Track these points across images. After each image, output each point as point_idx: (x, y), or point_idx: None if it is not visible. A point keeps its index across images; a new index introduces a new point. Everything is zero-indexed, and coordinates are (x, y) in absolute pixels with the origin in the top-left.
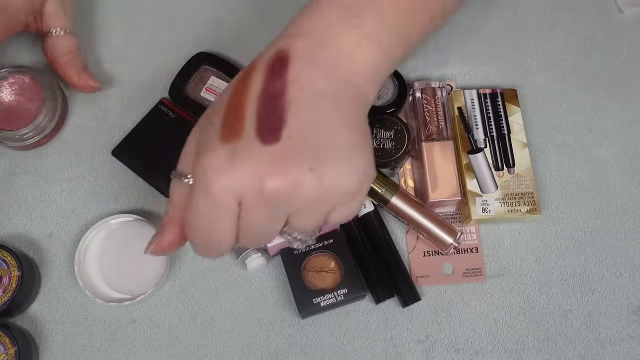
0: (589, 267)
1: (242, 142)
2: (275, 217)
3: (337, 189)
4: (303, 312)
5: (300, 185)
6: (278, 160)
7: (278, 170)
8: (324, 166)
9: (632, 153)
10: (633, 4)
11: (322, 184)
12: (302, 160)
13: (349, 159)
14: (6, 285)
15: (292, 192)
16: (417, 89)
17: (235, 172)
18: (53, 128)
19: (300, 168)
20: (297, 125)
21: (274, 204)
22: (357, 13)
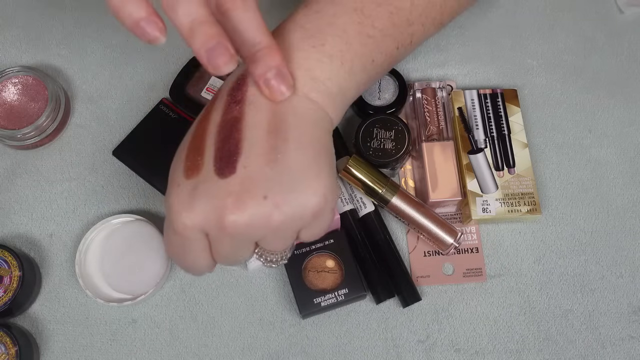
0: (589, 267)
1: (201, 176)
2: (242, 245)
3: (297, 215)
4: (304, 312)
5: (258, 217)
6: (234, 194)
7: (234, 204)
8: (280, 194)
9: (632, 153)
10: (633, 4)
11: (280, 213)
12: (257, 191)
13: (307, 183)
14: (7, 285)
15: (250, 224)
16: (418, 89)
17: (195, 209)
18: (55, 128)
19: (255, 200)
20: (253, 153)
21: (236, 236)
22: (319, 35)
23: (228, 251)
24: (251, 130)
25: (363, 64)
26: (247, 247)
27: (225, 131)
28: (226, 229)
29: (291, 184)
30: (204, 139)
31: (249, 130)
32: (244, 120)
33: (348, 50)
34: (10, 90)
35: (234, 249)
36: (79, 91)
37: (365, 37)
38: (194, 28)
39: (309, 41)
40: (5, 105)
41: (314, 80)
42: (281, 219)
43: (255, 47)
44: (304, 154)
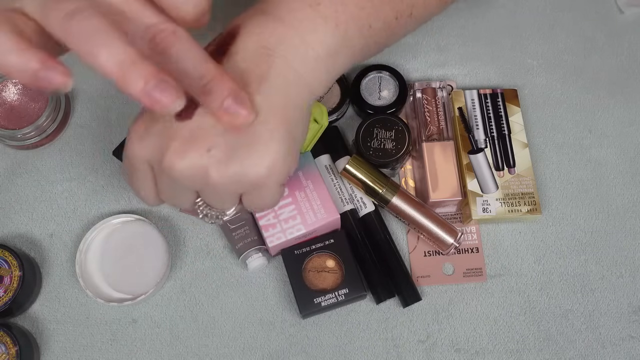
0: (589, 267)
1: (160, 115)
2: (182, 190)
3: (235, 178)
4: (304, 312)
5: (195, 169)
6: (180, 139)
7: (176, 148)
8: (223, 153)
9: (632, 153)
10: (633, 4)
11: (218, 170)
12: (203, 143)
13: (254, 150)
14: (7, 285)
15: (186, 173)
16: (418, 89)
17: (144, 142)
18: (55, 128)
19: (198, 151)
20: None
21: (174, 179)
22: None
23: (168, 191)
24: (232, 64)
25: (359, 28)
26: (186, 193)
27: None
28: (165, 170)
29: (238, 147)
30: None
31: (231, 61)
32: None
33: (344, 12)
34: (10, 90)
35: (174, 191)
36: (79, 91)
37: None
38: (126, 71)
39: (307, 1)
40: (6, 105)
41: (304, 44)
42: (218, 177)
43: (204, 80)
44: (266, 123)
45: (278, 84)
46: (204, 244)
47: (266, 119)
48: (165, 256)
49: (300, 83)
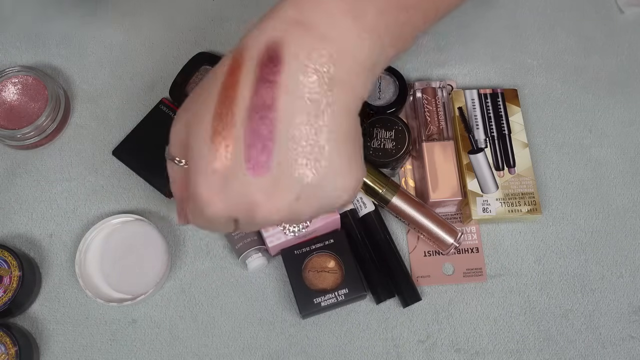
0: (589, 267)
1: (232, 169)
2: (271, 225)
3: (325, 210)
4: (304, 312)
5: (289, 215)
6: (267, 193)
7: (266, 204)
8: (313, 197)
9: (632, 153)
10: (633, 4)
11: (311, 210)
12: (291, 192)
13: (341, 182)
14: (7, 285)
15: (281, 219)
16: (418, 89)
17: (226, 203)
18: (55, 128)
19: (288, 201)
20: (286, 147)
21: (266, 224)
22: (359, 4)
23: (254, 229)
24: (286, 122)
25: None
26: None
27: (256, 118)
28: (257, 223)
29: (325, 185)
30: (231, 119)
31: (283, 122)
32: (278, 110)
33: (383, 22)
34: (10, 90)
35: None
36: (79, 91)
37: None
38: None
39: (349, 13)
40: (5, 105)
41: (355, 62)
42: (310, 214)
43: None
44: (340, 151)
45: (341, 111)
46: (203, 244)
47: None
48: (165, 256)
49: (356, 99)
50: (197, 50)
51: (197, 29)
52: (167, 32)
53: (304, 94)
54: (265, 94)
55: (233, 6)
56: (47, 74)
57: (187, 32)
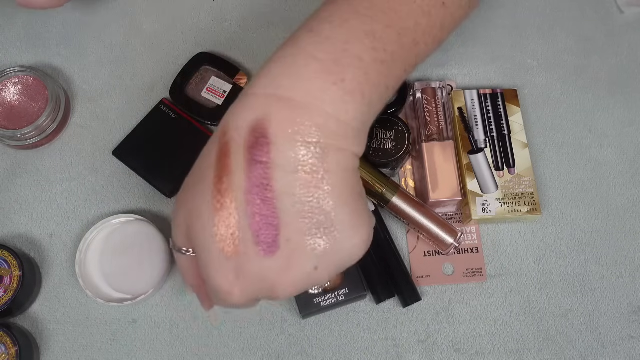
0: (589, 267)
1: (242, 256)
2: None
3: (345, 267)
4: (304, 312)
5: (311, 283)
6: (282, 270)
7: (284, 280)
8: (327, 260)
9: (632, 153)
10: (633, 4)
11: (328, 273)
12: (307, 265)
13: (353, 241)
14: (7, 285)
15: (303, 289)
16: (418, 89)
17: (246, 289)
18: (55, 128)
19: (306, 272)
20: (292, 222)
21: (289, 297)
22: (336, 69)
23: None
24: (285, 199)
25: (379, 92)
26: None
27: (255, 202)
28: (279, 298)
29: (338, 247)
30: (231, 206)
31: (283, 198)
32: (275, 188)
33: (367, 82)
34: (10, 90)
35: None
36: (79, 91)
37: (380, 63)
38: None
39: (328, 78)
40: (6, 105)
41: (342, 126)
42: (329, 277)
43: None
44: (345, 211)
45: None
46: None
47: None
48: (165, 256)
49: (352, 156)
50: (198, 50)
51: (197, 29)
52: (167, 32)
53: (297, 168)
54: (259, 176)
55: (233, 6)
56: (48, 74)
57: (187, 32)
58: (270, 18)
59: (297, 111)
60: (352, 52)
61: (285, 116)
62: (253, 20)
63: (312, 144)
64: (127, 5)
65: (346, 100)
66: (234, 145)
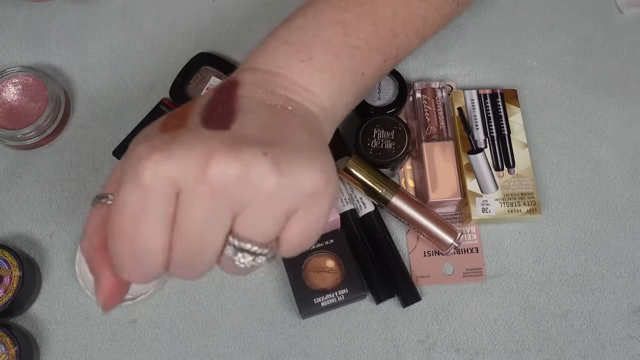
0: (589, 267)
1: (184, 130)
2: (219, 214)
3: (295, 185)
4: (304, 312)
5: (253, 170)
6: (227, 143)
7: (227, 150)
8: (280, 154)
9: (632, 153)
10: (633, 4)
11: (278, 174)
12: (256, 145)
13: (311, 155)
14: (7, 285)
15: (242, 178)
16: (417, 89)
17: (173, 155)
18: (55, 128)
19: (252, 151)
20: (251, 120)
21: (218, 193)
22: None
23: (198, 225)
24: (246, 111)
25: (352, 77)
26: (222, 220)
27: (214, 104)
28: (209, 180)
29: (293, 150)
30: (189, 109)
31: (244, 109)
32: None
33: (336, 63)
34: (10, 90)
35: (205, 221)
36: (79, 91)
37: (352, 48)
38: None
39: (296, 55)
40: (6, 105)
41: (308, 92)
42: (277, 183)
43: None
44: (307, 135)
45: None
46: None
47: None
48: None
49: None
50: (198, 50)
51: (197, 29)
52: (167, 32)
53: (261, 100)
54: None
55: (233, 6)
56: (48, 74)
57: (187, 33)
58: (270, 18)
59: (266, 75)
60: (322, 37)
61: (255, 76)
62: (253, 20)
63: (278, 94)
64: (127, 5)
65: (314, 75)
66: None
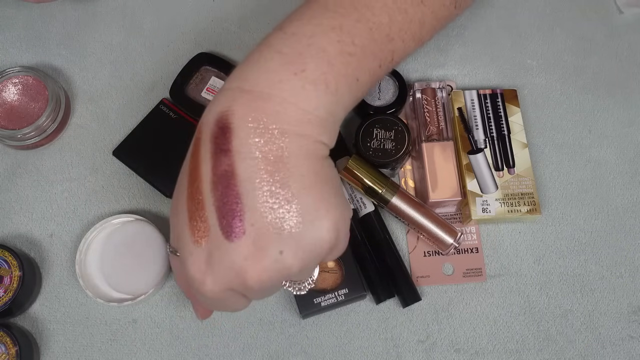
0: (589, 267)
1: (212, 242)
2: (273, 288)
3: (314, 256)
4: (304, 312)
5: (279, 271)
6: (250, 255)
7: (253, 266)
8: (295, 247)
9: (632, 153)
10: (633, 4)
11: (299, 261)
12: (273, 249)
13: (319, 224)
14: (7, 285)
15: (273, 278)
16: (418, 89)
17: (217, 277)
18: (55, 128)
19: (272, 258)
20: (255, 207)
21: (263, 288)
22: (298, 60)
23: (261, 296)
24: (248, 184)
25: (348, 84)
26: (277, 287)
27: (220, 189)
28: (252, 287)
29: (303, 230)
30: (201, 197)
31: (246, 183)
32: (238, 174)
33: (331, 72)
34: (10, 90)
35: (265, 294)
36: (79, 91)
37: (347, 55)
38: None
39: (289, 67)
40: (6, 105)
41: (303, 112)
42: (300, 266)
43: None
44: (309, 194)
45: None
46: None
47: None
48: (165, 256)
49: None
50: (198, 50)
51: (197, 29)
52: (167, 33)
53: (258, 153)
54: (223, 164)
55: (233, 6)
56: (48, 74)
57: (187, 33)
58: (270, 18)
59: (257, 101)
60: (316, 44)
61: (246, 106)
62: (253, 20)
63: (271, 130)
64: (127, 5)
65: (307, 89)
66: (203, 139)
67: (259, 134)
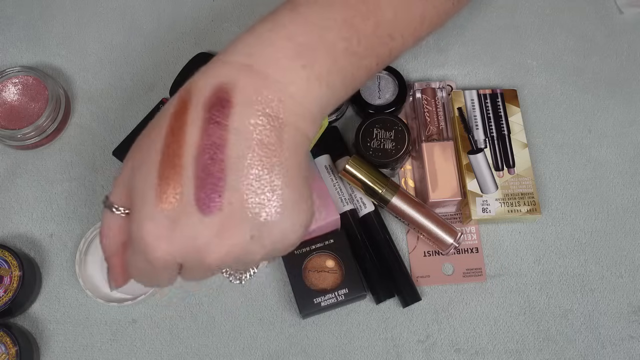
0: (589, 267)
1: (181, 209)
2: (217, 270)
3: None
4: (304, 312)
5: (242, 255)
6: (219, 232)
7: (219, 245)
8: (265, 232)
9: (632, 153)
10: (633, 4)
11: (264, 249)
12: (244, 231)
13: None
14: (7, 285)
15: (233, 259)
16: (418, 89)
17: (175, 245)
18: (55, 128)
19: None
20: (238, 187)
21: (218, 267)
22: (310, 54)
23: (198, 278)
24: (237, 162)
25: (344, 80)
26: (217, 272)
27: (205, 160)
28: (207, 265)
29: (279, 221)
30: (179, 162)
31: (234, 161)
32: (227, 150)
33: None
34: (10, 90)
35: (207, 275)
36: (79, 91)
37: (351, 54)
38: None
39: (298, 59)
40: (6, 105)
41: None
42: (263, 254)
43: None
44: (294, 188)
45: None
46: None
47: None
48: None
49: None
50: (197, 50)
51: (197, 29)
52: (167, 33)
53: (253, 135)
54: (214, 135)
55: (233, 6)
56: (48, 74)
57: (187, 33)
58: None
59: (263, 82)
60: (327, 39)
61: (251, 84)
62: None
63: (272, 117)
64: (127, 5)
65: (311, 84)
66: (194, 102)
67: (259, 116)
